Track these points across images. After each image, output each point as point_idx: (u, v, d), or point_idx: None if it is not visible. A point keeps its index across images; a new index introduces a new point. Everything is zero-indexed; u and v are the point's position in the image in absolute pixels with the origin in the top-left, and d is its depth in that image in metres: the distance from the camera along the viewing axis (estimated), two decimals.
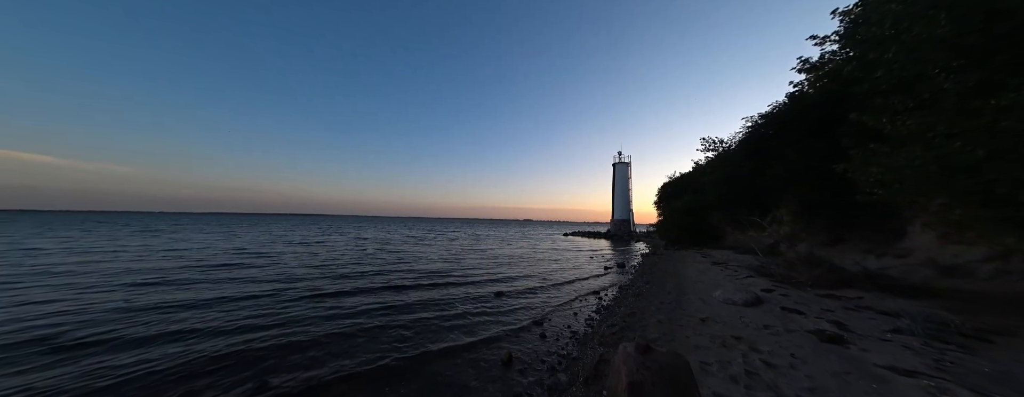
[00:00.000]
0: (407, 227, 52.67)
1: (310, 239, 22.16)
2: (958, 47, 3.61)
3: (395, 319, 5.44)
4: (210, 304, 5.92)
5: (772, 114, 11.87)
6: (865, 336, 3.78)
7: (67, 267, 9.41)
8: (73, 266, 9.59)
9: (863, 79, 5.16)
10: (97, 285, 7.20)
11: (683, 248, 18.53)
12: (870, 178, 4.61)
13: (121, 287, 7.08)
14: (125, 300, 5.98)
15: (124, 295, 6.38)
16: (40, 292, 6.44)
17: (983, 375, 2.72)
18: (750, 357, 3.51)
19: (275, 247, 16.37)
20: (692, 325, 4.77)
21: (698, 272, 9.76)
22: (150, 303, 5.79)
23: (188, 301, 6.06)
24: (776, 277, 7.48)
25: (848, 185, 5.76)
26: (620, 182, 41.02)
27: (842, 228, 7.41)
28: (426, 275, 9.68)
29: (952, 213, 3.72)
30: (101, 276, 8.22)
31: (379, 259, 13.03)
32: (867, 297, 5.23)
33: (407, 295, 7.22)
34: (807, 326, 4.26)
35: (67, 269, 9.06)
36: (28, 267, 9.18)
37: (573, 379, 3.35)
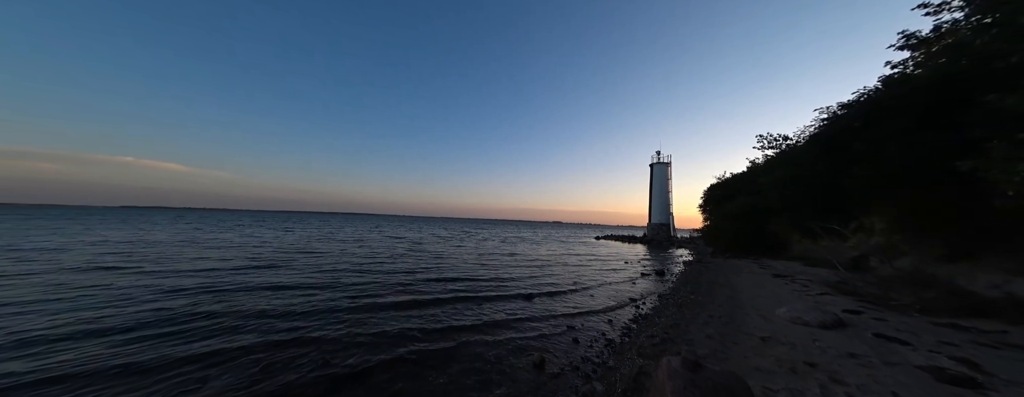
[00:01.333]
0: (440, 227, 54.15)
1: (350, 237, 23.86)
2: None
3: (425, 316, 5.54)
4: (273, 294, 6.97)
5: (859, 102, 9.85)
6: (1012, 383, 2.85)
7: None
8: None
9: (1006, 53, 3.95)
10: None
11: (735, 257, 16.47)
12: (1016, 178, 3.50)
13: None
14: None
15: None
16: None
17: None
18: (831, 389, 2.88)
19: (329, 244, 18.03)
20: (750, 344, 4.11)
21: (755, 285, 8.53)
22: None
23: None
24: (864, 297, 6.15)
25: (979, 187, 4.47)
26: (659, 183, 38.03)
27: (968, 241, 5.75)
28: (457, 276, 9.78)
29: None
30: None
31: (412, 258, 13.41)
32: (1014, 332, 3.97)
33: (437, 294, 7.29)
34: (916, 361, 3.38)
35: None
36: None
37: (610, 389, 3.06)
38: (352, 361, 3.64)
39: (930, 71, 7.55)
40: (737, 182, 22.39)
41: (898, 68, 8.80)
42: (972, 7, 5.81)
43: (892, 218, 8.03)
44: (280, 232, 25.76)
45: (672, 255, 21.50)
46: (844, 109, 10.52)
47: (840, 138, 9.96)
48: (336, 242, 19.16)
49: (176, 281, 7.51)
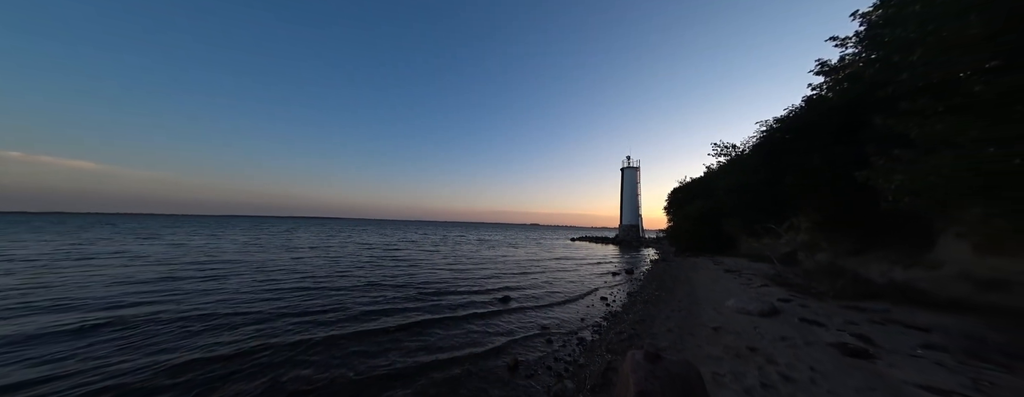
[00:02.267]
0: (413, 231, 51.37)
1: (307, 243, 20.90)
2: (992, 48, 3.44)
3: (398, 322, 5.44)
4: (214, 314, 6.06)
5: (789, 118, 11.51)
6: (893, 351, 3.57)
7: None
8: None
9: (887, 82, 4.97)
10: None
11: (694, 255, 18.05)
12: (894, 185, 4.40)
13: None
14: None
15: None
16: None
17: None
18: (766, 370, 3.37)
19: (275, 253, 15.08)
20: (704, 334, 4.62)
21: (710, 280, 9.47)
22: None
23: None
24: (794, 287, 7.17)
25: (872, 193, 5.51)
26: (629, 187, 40.48)
27: (867, 237, 7.07)
28: (429, 281, 9.59)
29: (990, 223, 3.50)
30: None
31: (379, 267, 12.03)
32: (895, 310, 4.94)
33: (406, 304, 7.08)
34: (828, 339, 4.06)
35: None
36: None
37: (580, 386, 3.29)
38: (306, 374, 3.43)
39: (838, 95, 9.12)
40: (696, 186, 24.59)
41: (817, 90, 10.50)
42: (863, 44, 7.16)
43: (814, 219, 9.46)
44: (215, 240, 21.69)
45: (641, 255, 22.95)
46: (778, 123, 12.21)
47: (776, 149, 11.52)
48: (283, 251, 16.27)
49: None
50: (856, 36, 7.37)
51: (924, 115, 4.07)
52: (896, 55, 4.71)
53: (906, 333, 4.08)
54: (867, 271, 6.31)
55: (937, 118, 3.87)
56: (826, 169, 8.24)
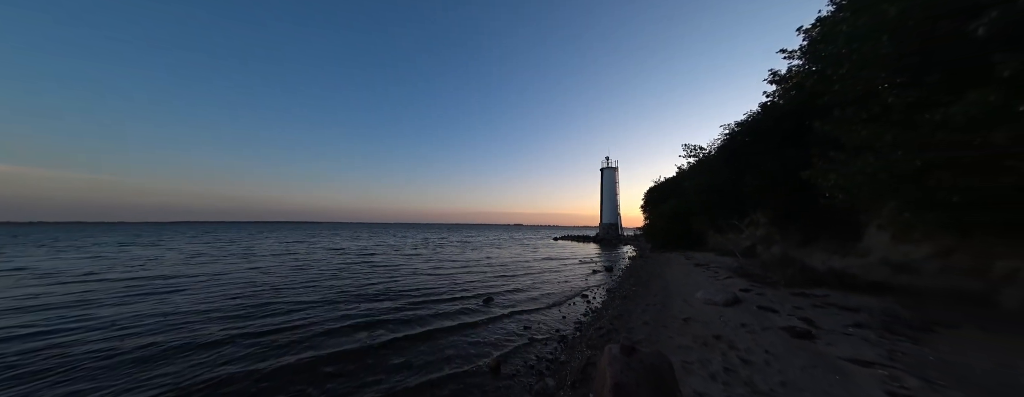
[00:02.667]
0: (392, 234, 48.89)
1: (269, 251, 18.95)
2: (900, 66, 4.04)
3: (376, 326, 5.34)
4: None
5: (747, 123, 12.58)
6: (830, 331, 4.05)
7: None
8: None
9: (824, 92, 5.63)
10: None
11: (668, 251, 19.07)
12: (829, 184, 4.99)
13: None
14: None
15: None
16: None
17: (928, 363, 2.99)
18: (729, 355, 3.68)
19: (228, 264, 13.20)
20: (676, 325, 4.93)
21: (682, 274, 10.08)
22: None
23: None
24: (753, 277, 7.84)
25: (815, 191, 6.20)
26: (608, 187, 41.94)
27: (812, 230, 7.95)
28: (410, 287, 9.33)
29: (901, 216, 4.09)
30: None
31: (351, 275, 11.05)
32: (833, 294, 5.60)
33: (386, 310, 6.89)
34: (780, 323, 4.50)
35: None
36: None
37: (561, 383, 3.40)
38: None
39: (787, 102, 10.13)
40: (669, 186, 26.01)
41: (770, 97, 11.58)
42: (806, 57, 8.03)
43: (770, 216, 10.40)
44: (156, 249, 18.81)
45: (620, 252, 23.84)
46: (739, 127, 13.29)
47: (737, 151, 12.52)
48: (239, 259, 14.60)
49: None
50: (800, 50, 8.26)
51: (852, 122, 4.66)
52: (830, 68, 5.35)
53: (840, 314, 4.64)
54: (811, 261, 7.11)
55: (862, 125, 4.46)
56: (779, 169, 9.12)
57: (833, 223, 7.13)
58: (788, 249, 8.69)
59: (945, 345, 3.31)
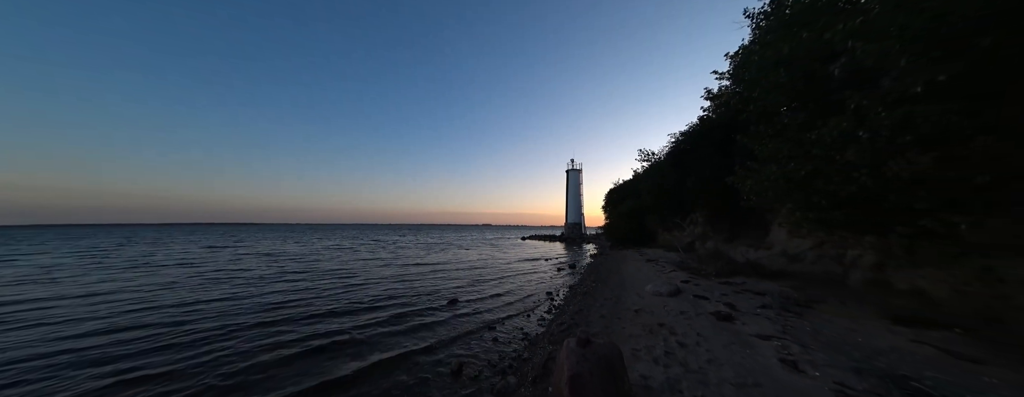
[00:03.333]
0: (344, 236, 44.43)
1: (174, 259, 15.70)
2: (792, 93, 5.01)
3: (335, 334, 5.01)
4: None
5: (689, 132, 14.30)
6: (745, 313, 4.83)
7: None
8: None
9: (743, 110, 6.69)
10: None
11: (625, 248, 20.68)
12: (747, 188, 5.95)
13: None
14: None
15: None
16: None
17: (806, 333, 3.78)
18: (669, 340, 4.16)
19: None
20: (628, 317, 5.41)
21: (635, 269, 11.03)
22: None
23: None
24: (692, 270, 8.94)
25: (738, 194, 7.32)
26: (573, 188, 43.99)
27: (736, 228, 9.37)
28: (374, 287, 8.97)
29: (793, 215, 5.07)
30: None
31: (293, 280, 9.96)
32: (748, 282, 6.68)
33: (350, 309, 6.65)
34: (709, 309, 5.23)
35: None
36: None
37: (522, 380, 3.53)
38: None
39: (718, 116, 11.76)
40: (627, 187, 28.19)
41: (706, 111, 13.33)
42: (731, 80, 9.44)
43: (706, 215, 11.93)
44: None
45: (583, 250, 25.17)
46: (682, 136, 15.01)
47: (681, 157, 14.13)
48: (129, 271, 11.91)
49: None
50: (728, 72, 9.69)
51: (762, 137, 5.63)
52: (747, 90, 6.39)
53: (753, 298, 5.56)
54: (734, 254, 8.41)
55: (768, 139, 5.41)
56: (712, 175, 10.53)
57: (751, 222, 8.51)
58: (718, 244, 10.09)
59: (817, 318, 4.20)
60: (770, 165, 5.13)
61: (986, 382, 2.48)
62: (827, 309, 4.51)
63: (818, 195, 4.15)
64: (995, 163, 2.58)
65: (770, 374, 3.00)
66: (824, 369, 2.97)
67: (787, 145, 4.77)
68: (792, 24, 4.94)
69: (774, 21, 6.85)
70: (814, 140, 4.03)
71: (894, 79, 2.76)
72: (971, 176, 2.66)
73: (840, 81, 3.73)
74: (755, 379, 2.93)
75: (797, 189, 4.50)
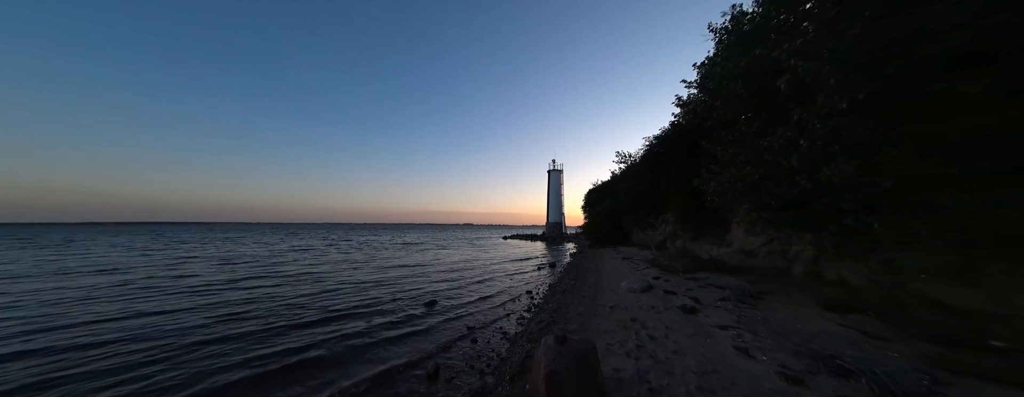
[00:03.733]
0: (314, 236, 39.93)
1: (115, 261, 13.74)
2: (748, 103, 5.51)
3: (308, 338, 4.80)
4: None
5: (661, 137, 15.13)
6: (708, 305, 5.23)
7: None
8: None
9: (708, 117, 7.22)
10: None
11: (603, 247, 21.43)
12: (711, 190, 6.44)
13: None
14: None
15: None
16: None
17: (758, 321, 4.18)
18: (640, 334, 4.40)
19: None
20: (604, 313, 5.64)
21: (612, 267, 11.49)
22: None
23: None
24: (663, 267, 9.48)
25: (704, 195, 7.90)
26: (554, 188, 44.80)
27: (702, 227, 10.09)
28: (348, 289, 8.59)
29: (750, 215, 5.58)
30: None
31: (249, 286, 8.99)
32: (711, 277, 7.24)
33: (323, 311, 6.34)
34: (677, 303, 5.59)
35: None
36: None
37: (500, 379, 3.58)
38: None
39: (687, 122, 12.57)
40: (605, 188, 29.19)
41: (676, 117, 14.18)
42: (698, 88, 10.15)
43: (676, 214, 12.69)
44: None
45: (563, 249, 25.74)
46: (655, 140, 15.85)
47: (654, 160, 14.90)
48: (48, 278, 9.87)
49: None
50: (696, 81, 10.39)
51: (723, 143, 6.12)
52: (711, 99, 6.90)
53: (715, 292, 6.03)
54: (699, 251, 9.05)
55: (728, 145, 5.89)
56: (682, 177, 11.23)
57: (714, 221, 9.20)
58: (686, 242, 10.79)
59: (767, 308, 4.67)
60: (730, 169, 5.60)
61: (891, 357, 2.92)
62: (775, 299, 5.02)
63: (768, 197, 4.61)
64: (897, 171, 3.07)
65: (726, 361, 3.29)
66: (770, 354, 3.31)
67: (744, 151, 5.24)
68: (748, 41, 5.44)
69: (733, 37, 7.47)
70: (765, 147, 4.47)
71: (826, 95, 3.17)
72: (881, 181, 3.16)
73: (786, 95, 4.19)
74: (713, 367, 3.20)
75: (752, 191, 4.96)
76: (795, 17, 4.45)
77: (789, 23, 4.65)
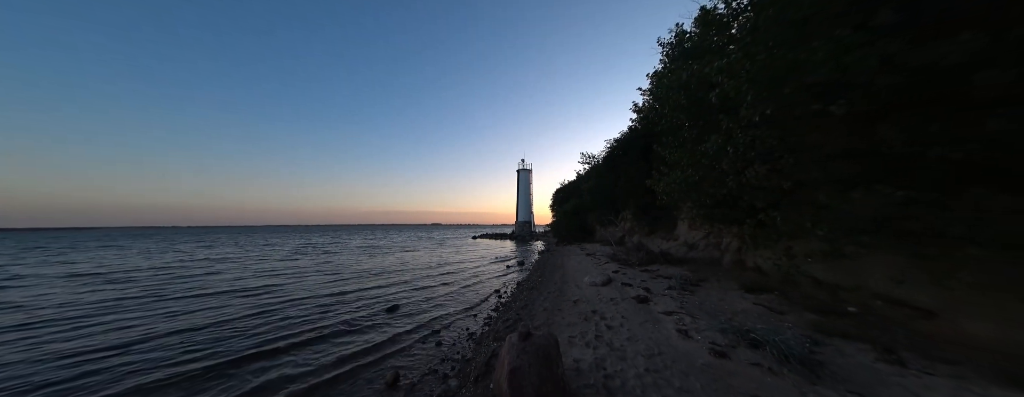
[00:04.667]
0: (253, 238, 31.70)
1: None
2: (689, 112, 6.23)
3: (257, 348, 4.29)
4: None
5: (620, 140, 16.30)
6: (657, 294, 5.80)
7: None
8: None
9: (657, 123, 7.98)
10: None
11: (569, 244, 22.39)
12: (660, 189, 7.13)
13: None
14: None
15: None
16: None
17: (695, 305, 4.78)
18: (599, 325, 4.70)
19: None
20: (568, 307, 5.91)
21: (577, 263, 12.06)
22: None
23: None
24: (621, 261, 10.25)
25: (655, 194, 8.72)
26: (523, 187, 45.51)
27: (654, 223, 11.13)
28: (305, 296, 7.79)
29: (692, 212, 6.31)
30: None
31: (164, 302, 7.56)
32: (661, 268, 8.04)
33: (277, 321, 5.72)
34: (632, 294, 6.09)
35: None
36: None
37: (463, 381, 3.55)
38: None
39: (642, 127, 13.70)
40: (571, 187, 30.47)
41: (633, 122, 15.38)
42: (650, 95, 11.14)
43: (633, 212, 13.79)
44: None
45: (532, 247, 26.27)
46: (615, 143, 17.00)
47: (614, 161, 15.98)
48: None
49: None
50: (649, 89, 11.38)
51: (670, 147, 6.81)
52: (660, 107, 7.64)
53: (663, 282, 6.71)
54: (652, 245, 10.01)
55: (674, 150, 6.58)
56: (637, 177, 12.24)
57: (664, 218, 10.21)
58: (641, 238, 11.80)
59: (704, 293, 5.36)
60: (676, 171, 6.26)
61: (786, 327, 3.58)
62: (710, 285, 5.77)
63: (705, 196, 5.29)
64: (793, 175, 3.78)
65: (669, 343, 3.70)
66: (704, 333, 3.80)
67: (686, 155, 5.91)
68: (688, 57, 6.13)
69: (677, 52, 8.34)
70: (703, 152, 5.11)
71: (746, 109, 3.78)
72: (782, 183, 3.88)
73: (717, 107, 4.84)
74: (659, 349, 3.57)
75: (693, 191, 5.63)
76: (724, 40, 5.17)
77: (719, 45, 5.36)
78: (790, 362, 2.80)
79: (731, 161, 4.60)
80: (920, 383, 2.55)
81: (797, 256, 3.96)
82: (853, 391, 2.47)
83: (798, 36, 3.07)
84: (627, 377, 3.06)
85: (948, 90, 2.35)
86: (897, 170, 2.73)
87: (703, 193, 5.32)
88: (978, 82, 2.18)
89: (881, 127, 2.71)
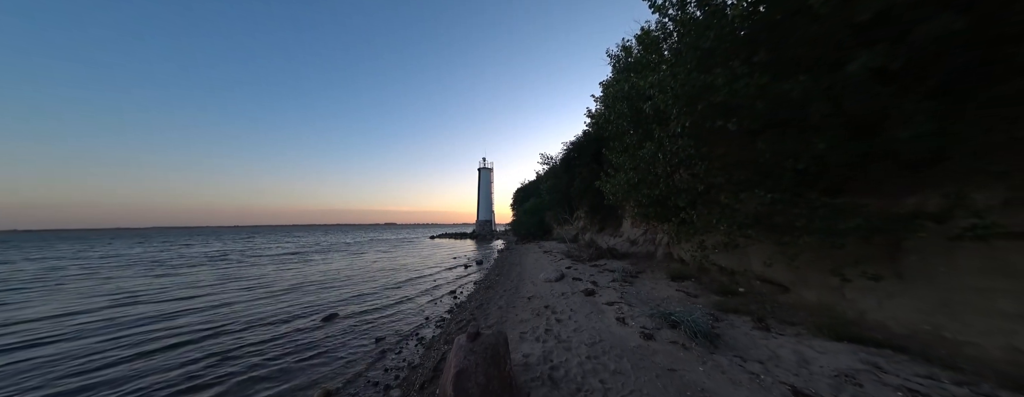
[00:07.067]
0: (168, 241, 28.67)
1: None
2: (630, 120, 6.91)
3: (174, 370, 3.39)
4: None
5: (575, 142, 17.29)
6: (603, 287, 6.31)
7: None
8: None
9: (606, 129, 8.68)
10: None
11: (528, 242, 23.01)
12: (607, 190, 7.78)
13: None
14: None
15: None
16: None
17: (633, 295, 5.35)
18: (550, 319, 4.90)
19: None
20: (522, 304, 6.05)
21: (534, 260, 12.45)
22: None
23: None
24: (575, 257, 10.90)
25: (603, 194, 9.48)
26: (484, 186, 45.24)
27: (604, 221, 12.11)
28: (221, 313, 6.49)
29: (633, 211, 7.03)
30: None
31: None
32: (608, 263, 8.79)
33: (194, 338, 4.63)
34: (581, 288, 6.51)
35: None
36: None
37: (407, 390, 3.39)
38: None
39: (594, 131, 14.75)
40: (530, 187, 31.28)
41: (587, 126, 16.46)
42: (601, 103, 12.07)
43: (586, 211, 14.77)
44: None
45: (492, 246, 26.32)
46: (571, 145, 17.97)
47: (570, 163, 16.86)
48: None
49: None
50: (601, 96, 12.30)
51: (615, 151, 7.47)
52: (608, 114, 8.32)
53: (608, 275, 7.35)
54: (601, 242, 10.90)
55: (618, 154, 7.24)
56: (590, 178, 13.14)
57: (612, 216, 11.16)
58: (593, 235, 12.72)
59: (641, 284, 6.04)
60: (620, 173, 6.89)
61: (697, 308, 4.27)
62: (647, 276, 6.52)
63: (643, 196, 5.95)
64: (706, 179, 4.54)
65: (610, 331, 4.05)
66: (638, 319, 4.26)
67: (628, 159, 6.55)
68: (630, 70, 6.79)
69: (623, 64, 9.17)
70: (641, 157, 5.73)
71: (673, 121, 4.37)
72: (698, 186, 4.62)
73: (651, 117, 5.49)
74: (600, 337, 3.88)
75: (633, 191, 6.28)
76: (657, 59, 5.89)
77: (654, 62, 6.08)
78: (698, 338, 3.31)
79: (662, 166, 5.27)
80: (776, 343, 3.30)
81: (708, 248, 4.76)
82: (738, 355, 3.05)
83: (707, 63, 3.68)
84: (570, 366, 3.25)
85: (794, 116, 3.16)
86: (768, 176, 3.57)
87: (641, 194, 5.98)
88: (810, 111, 2.95)
89: (759, 142, 3.45)
